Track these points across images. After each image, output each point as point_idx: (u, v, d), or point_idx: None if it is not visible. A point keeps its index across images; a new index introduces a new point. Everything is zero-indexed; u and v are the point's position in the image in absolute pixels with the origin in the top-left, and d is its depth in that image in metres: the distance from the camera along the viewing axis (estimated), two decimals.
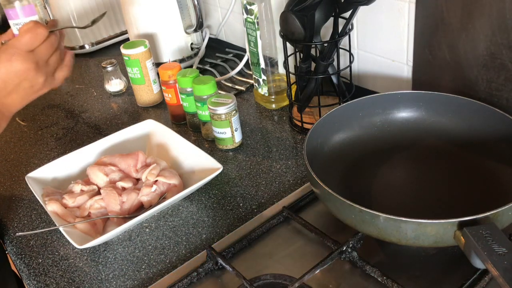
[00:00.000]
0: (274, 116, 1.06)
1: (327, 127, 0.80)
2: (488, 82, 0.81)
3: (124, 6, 1.25)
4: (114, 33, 1.51)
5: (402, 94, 0.83)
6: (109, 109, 1.19)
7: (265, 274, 0.67)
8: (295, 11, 0.83)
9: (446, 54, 0.84)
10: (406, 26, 0.90)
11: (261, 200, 0.83)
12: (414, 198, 0.74)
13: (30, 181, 0.87)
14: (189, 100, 0.99)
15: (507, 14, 0.73)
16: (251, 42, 1.02)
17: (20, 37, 0.67)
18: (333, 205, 0.66)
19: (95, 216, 0.81)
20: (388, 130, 0.84)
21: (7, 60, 0.67)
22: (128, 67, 1.12)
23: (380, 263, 0.67)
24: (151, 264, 0.75)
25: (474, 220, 0.57)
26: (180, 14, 1.25)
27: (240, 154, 0.95)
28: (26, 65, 0.68)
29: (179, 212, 0.84)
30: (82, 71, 1.40)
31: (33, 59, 0.69)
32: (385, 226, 0.60)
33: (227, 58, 1.33)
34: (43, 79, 0.71)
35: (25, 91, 0.70)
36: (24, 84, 0.69)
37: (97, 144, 0.96)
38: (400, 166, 0.80)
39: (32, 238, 0.83)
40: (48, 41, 0.70)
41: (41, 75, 0.70)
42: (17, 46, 0.67)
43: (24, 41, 0.67)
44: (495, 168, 0.74)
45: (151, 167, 0.85)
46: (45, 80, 0.71)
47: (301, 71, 0.92)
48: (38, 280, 0.75)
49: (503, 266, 0.51)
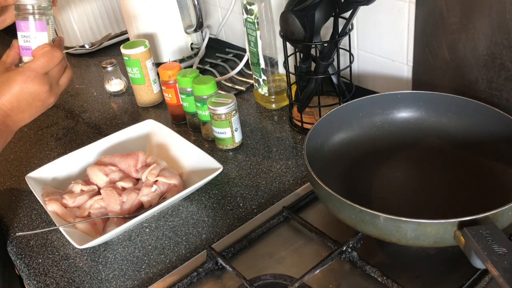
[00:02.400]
0: (274, 116, 1.06)
1: (327, 127, 0.80)
2: (488, 82, 0.81)
3: (124, 6, 1.25)
4: (114, 33, 1.50)
5: (402, 94, 0.83)
6: (109, 109, 1.19)
7: (265, 274, 0.67)
8: (295, 11, 0.83)
9: (446, 54, 0.84)
10: (406, 26, 0.90)
11: (261, 200, 0.83)
12: (414, 198, 0.74)
13: (30, 181, 0.87)
14: (189, 100, 0.99)
15: (507, 14, 0.73)
16: (251, 42, 1.02)
17: (37, 60, 0.71)
18: (333, 205, 0.66)
19: (95, 216, 0.81)
20: (388, 130, 0.84)
21: (23, 81, 0.70)
22: (128, 67, 1.12)
23: (380, 263, 0.67)
24: (151, 264, 0.75)
25: (474, 220, 0.57)
26: (180, 14, 1.25)
27: (240, 154, 0.95)
28: (41, 88, 0.71)
29: (179, 212, 0.84)
30: (82, 71, 1.40)
31: (48, 81, 0.72)
32: (385, 226, 0.60)
33: (227, 58, 1.33)
34: (54, 99, 0.75)
35: (36, 109, 0.74)
36: (37, 104, 0.73)
37: (97, 144, 0.96)
38: (400, 166, 0.80)
39: (32, 238, 0.83)
40: (60, 64, 0.74)
41: (53, 95, 0.74)
42: (34, 68, 0.71)
43: (41, 64, 0.71)
44: (495, 168, 0.74)
45: (151, 167, 0.85)
46: (55, 99, 0.75)
47: (301, 71, 0.92)
48: (38, 280, 0.75)
49: (503, 266, 0.51)
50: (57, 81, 0.75)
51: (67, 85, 0.77)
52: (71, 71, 0.78)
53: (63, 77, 0.76)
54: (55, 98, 0.75)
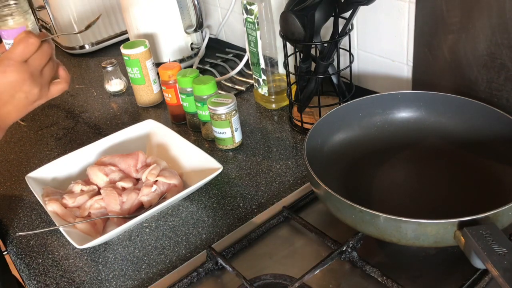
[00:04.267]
0: (274, 116, 1.06)
1: (327, 127, 0.80)
2: (488, 82, 0.81)
3: (124, 6, 1.25)
4: (114, 33, 1.50)
5: (402, 94, 0.83)
6: (109, 109, 1.19)
7: (265, 274, 0.67)
8: (295, 11, 0.83)
9: (446, 54, 0.84)
10: (406, 26, 0.90)
11: (261, 200, 0.83)
12: (414, 198, 0.74)
13: (30, 181, 0.87)
14: (189, 100, 0.99)
15: (507, 14, 0.73)
16: (251, 42, 1.02)
17: (13, 48, 0.68)
18: (333, 205, 0.66)
19: (95, 216, 0.81)
20: (388, 130, 0.84)
21: (1, 72, 0.67)
22: (128, 67, 1.12)
23: (380, 263, 0.67)
24: (151, 264, 0.75)
25: (474, 220, 0.57)
26: (180, 14, 1.25)
27: (240, 154, 0.95)
28: (20, 76, 0.68)
29: (179, 212, 0.84)
30: (82, 71, 1.40)
31: (27, 70, 0.69)
32: (385, 226, 0.60)
33: (227, 58, 1.33)
34: (37, 90, 0.71)
35: (21, 102, 0.70)
36: (19, 95, 0.69)
37: (97, 144, 0.96)
38: (400, 166, 0.80)
39: (32, 238, 0.83)
40: (40, 51, 0.70)
41: (36, 86, 0.70)
42: (11, 57, 0.68)
43: (18, 52, 0.68)
44: (495, 168, 0.74)
45: (151, 167, 0.85)
46: (40, 90, 0.71)
47: (301, 71, 0.92)
48: (38, 280, 0.75)
49: (503, 266, 0.51)
50: (40, 70, 0.71)
51: (51, 75, 0.73)
52: (57, 63, 0.75)
53: (47, 67, 0.72)
54: (39, 89, 0.71)
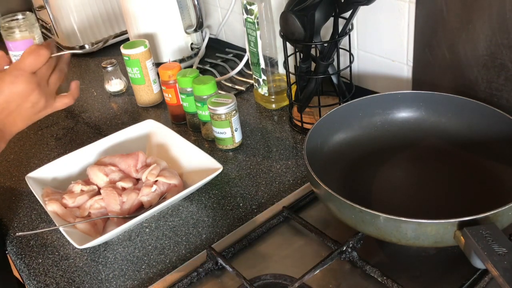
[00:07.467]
0: (274, 116, 1.06)
1: (327, 127, 0.80)
2: (488, 82, 0.81)
3: (124, 6, 1.25)
4: (114, 33, 1.50)
5: (402, 94, 0.83)
6: (109, 109, 1.19)
7: (265, 274, 0.67)
8: (295, 11, 0.83)
9: (446, 54, 0.84)
10: (406, 26, 0.90)
11: (261, 200, 0.83)
12: (414, 198, 0.74)
13: (30, 181, 0.87)
14: (189, 100, 0.99)
15: (507, 14, 0.73)
16: (251, 42, 1.02)
17: (23, 59, 0.70)
18: (333, 205, 0.66)
19: (95, 216, 0.81)
20: (388, 130, 0.84)
21: (11, 82, 0.69)
22: (128, 67, 1.12)
23: (380, 263, 0.67)
24: (151, 264, 0.75)
25: (474, 220, 0.57)
26: (180, 14, 1.25)
27: (240, 154, 0.95)
28: (29, 86, 0.70)
29: (179, 212, 0.84)
30: (82, 71, 1.40)
31: (36, 81, 0.71)
32: (385, 226, 0.60)
33: (227, 58, 1.33)
34: (44, 100, 0.73)
35: (27, 111, 0.72)
36: (26, 105, 0.71)
37: (97, 144, 0.96)
38: (400, 166, 0.80)
39: (32, 238, 0.83)
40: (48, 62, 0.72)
41: (42, 96, 0.72)
42: (21, 68, 0.69)
43: (28, 63, 0.70)
44: (495, 168, 0.74)
45: (151, 167, 0.85)
46: (46, 101, 0.73)
47: (301, 71, 0.92)
48: (38, 280, 0.75)
49: (503, 266, 0.51)
50: (46, 80, 0.73)
51: (57, 85, 0.75)
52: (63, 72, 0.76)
53: (52, 77, 0.74)
54: (45, 100, 0.73)
